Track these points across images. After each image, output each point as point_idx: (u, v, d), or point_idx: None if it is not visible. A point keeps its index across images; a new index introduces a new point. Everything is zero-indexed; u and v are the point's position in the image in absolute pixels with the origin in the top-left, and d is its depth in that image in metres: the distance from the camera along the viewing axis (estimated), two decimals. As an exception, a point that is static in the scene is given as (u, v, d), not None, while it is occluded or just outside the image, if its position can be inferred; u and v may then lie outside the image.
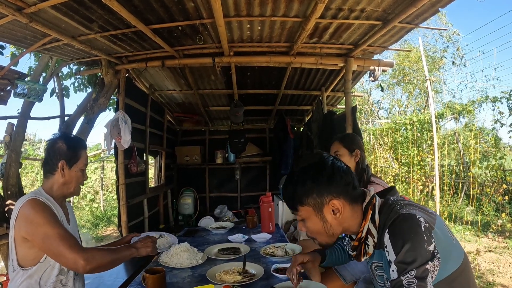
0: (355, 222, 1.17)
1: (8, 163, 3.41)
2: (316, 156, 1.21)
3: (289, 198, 1.22)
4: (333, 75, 4.53)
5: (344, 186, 1.15)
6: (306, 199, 1.16)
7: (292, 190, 1.19)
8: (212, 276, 1.68)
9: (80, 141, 1.74)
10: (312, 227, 1.20)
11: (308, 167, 1.18)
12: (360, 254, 1.20)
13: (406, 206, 1.07)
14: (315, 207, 1.16)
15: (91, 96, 4.02)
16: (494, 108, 7.10)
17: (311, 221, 1.19)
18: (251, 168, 6.83)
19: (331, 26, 2.98)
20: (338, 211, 1.15)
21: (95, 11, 2.49)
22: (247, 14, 2.73)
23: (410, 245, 0.96)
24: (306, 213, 1.18)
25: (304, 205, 1.17)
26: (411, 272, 0.94)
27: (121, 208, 3.78)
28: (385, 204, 1.15)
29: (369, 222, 1.14)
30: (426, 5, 2.50)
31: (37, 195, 1.51)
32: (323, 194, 1.14)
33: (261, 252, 2.04)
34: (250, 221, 2.90)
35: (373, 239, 1.13)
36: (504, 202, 6.26)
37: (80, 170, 1.66)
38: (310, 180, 1.15)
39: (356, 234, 1.19)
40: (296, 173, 1.20)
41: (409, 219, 1.01)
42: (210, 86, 5.01)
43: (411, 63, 12.01)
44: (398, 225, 1.02)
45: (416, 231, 0.98)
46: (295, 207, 1.20)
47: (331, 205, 1.15)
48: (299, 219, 1.23)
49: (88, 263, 1.38)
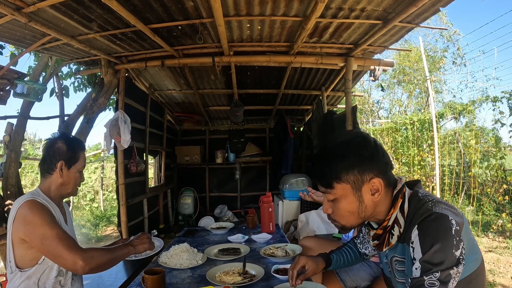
0: (384, 208, 1.11)
1: (7, 163, 3.41)
2: (357, 132, 1.15)
3: (323, 175, 1.11)
4: (333, 74, 4.52)
5: (384, 165, 1.09)
6: (345, 175, 1.07)
7: (329, 165, 1.09)
8: (212, 277, 1.67)
9: (80, 142, 1.73)
10: (345, 208, 1.11)
11: (350, 141, 1.10)
12: (382, 243, 1.14)
13: (438, 204, 1.01)
14: (354, 184, 1.08)
15: (91, 96, 4.02)
16: (494, 108, 7.10)
17: (346, 200, 1.10)
18: (251, 168, 6.83)
19: (331, 26, 2.97)
20: (377, 191, 1.08)
21: (94, 11, 2.48)
22: (247, 14, 2.72)
23: (440, 246, 0.93)
24: (342, 192, 1.09)
25: (342, 182, 1.08)
26: (435, 274, 0.92)
27: (121, 208, 3.77)
28: (414, 196, 1.09)
29: (397, 211, 1.08)
30: (426, 4, 2.50)
31: (35, 196, 1.50)
32: (365, 170, 1.06)
33: (261, 253, 2.02)
34: (250, 221, 2.88)
35: (399, 229, 1.08)
36: (505, 202, 6.24)
37: (78, 172, 1.65)
38: (353, 154, 1.07)
39: (381, 222, 1.13)
40: (334, 147, 1.11)
41: (442, 219, 0.96)
42: (210, 85, 5.00)
43: (411, 63, 12.00)
44: (429, 223, 0.97)
45: (447, 233, 0.94)
46: (330, 184, 1.09)
47: (371, 183, 1.07)
48: (330, 198, 1.13)
49: (87, 263, 1.37)
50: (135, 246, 1.64)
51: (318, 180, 1.14)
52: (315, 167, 1.15)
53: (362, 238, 1.50)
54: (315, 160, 1.16)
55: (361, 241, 1.51)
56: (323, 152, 1.15)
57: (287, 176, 4.89)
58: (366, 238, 1.48)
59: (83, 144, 1.77)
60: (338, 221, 1.15)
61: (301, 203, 4.50)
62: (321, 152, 1.16)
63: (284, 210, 4.57)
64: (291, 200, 4.57)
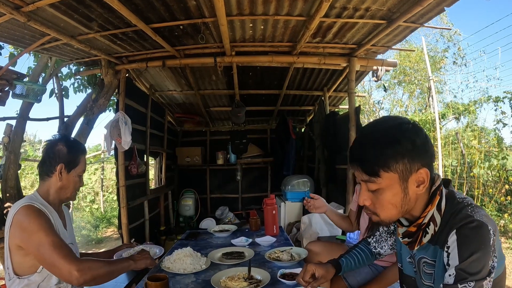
0: (422, 204, 1.04)
1: (6, 165, 3.36)
2: (403, 118, 1.05)
3: (369, 161, 0.99)
4: (335, 75, 4.49)
5: (431, 156, 1.01)
6: (395, 164, 0.96)
7: (378, 150, 0.97)
8: (216, 282, 1.62)
9: (80, 145, 1.70)
10: (389, 199, 1.01)
11: (401, 126, 0.99)
12: (415, 241, 1.07)
13: (477, 210, 0.97)
14: (402, 174, 0.98)
15: (91, 97, 3.97)
16: (496, 108, 7.08)
17: (392, 191, 1.00)
18: (252, 169, 6.79)
19: (335, 25, 2.94)
20: (423, 183, 1.00)
21: (95, 10, 2.44)
22: (250, 13, 2.68)
23: (478, 256, 0.90)
24: (389, 181, 0.99)
25: (390, 171, 0.97)
26: (470, 283, 0.88)
27: (121, 210, 3.73)
28: (452, 197, 1.04)
29: (434, 208, 1.02)
30: (431, 4, 2.47)
31: (32, 200, 1.46)
32: (414, 160, 0.97)
33: (266, 257, 1.98)
34: (253, 224, 2.84)
35: (434, 228, 1.02)
36: (507, 202, 6.22)
37: (78, 176, 1.61)
38: (406, 141, 0.96)
39: (415, 219, 1.06)
40: (383, 131, 1.00)
41: (482, 229, 0.92)
42: (211, 86, 4.96)
43: (412, 63, 11.97)
44: (469, 231, 0.93)
45: (486, 244, 0.91)
46: (376, 172, 0.98)
47: (418, 174, 0.99)
48: (372, 188, 1.01)
49: (83, 274, 1.32)
50: (136, 261, 1.60)
51: (362, 166, 1.01)
52: (360, 151, 1.02)
53: (379, 237, 1.44)
54: (360, 143, 1.04)
55: (377, 240, 1.45)
56: (372, 135, 1.02)
57: (289, 177, 4.86)
58: (383, 237, 1.43)
59: (84, 147, 1.73)
60: (378, 213, 1.05)
61: (303, 205, 4.45)
62: (369, 135, 1.02)
63: (286, 211, 4.53)
64: (294, 202, 4.54)
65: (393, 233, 1.40)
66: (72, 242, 1.64)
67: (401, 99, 13.61)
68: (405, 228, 1.11)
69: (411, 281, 1.20)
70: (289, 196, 4.55)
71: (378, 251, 1.46)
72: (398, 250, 1.28)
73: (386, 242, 1.43)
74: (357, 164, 1.03)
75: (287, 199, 4.56)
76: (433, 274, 1.06)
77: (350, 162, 1.05)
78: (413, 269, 1.17)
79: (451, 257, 0.94)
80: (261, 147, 6.62)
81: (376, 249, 1.46)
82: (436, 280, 1.03)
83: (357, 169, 1.03)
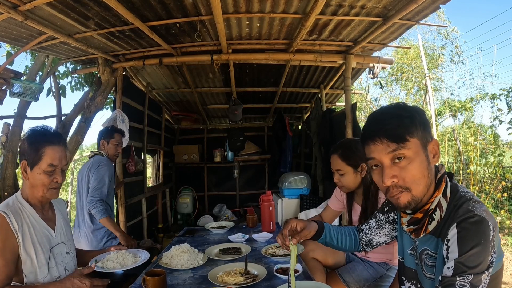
0: (430, 190, 1.07)
1: (4, 164, 3.37)
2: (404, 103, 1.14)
3: (395, 129, 1.02)
4: (332, 72, 4.50)
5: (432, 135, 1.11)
6: (415, 130, 1.02)
7: (399, 120, 1.02)
8: (213, 277, 1.65)
9: (42, 135, 1.44)
10: (418, 167, 1.02)
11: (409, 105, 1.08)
12: (421, 228, 1.09)
13: (478, 205, 1.00)
14: (422, 141, 1.03)
15: (88, 95, 3.98)
16: (493, 105, 7.13)
17: (419, 158, 1.02)
18: (249, 167, 6.82)
19: (331, 23, 2.95)
20: (436, 154, 1.06)
21: (92, 8, 2.45)
22: (246, 11, 2.69)
23: (478, 250, 0.92)
24: (415, 148, 1.02)
25: (414, 137, 1.02)
26: (468, 276, 0.91)
27: (119, 208, 3.75)
28: (455, 190, 1.08)
29: (441, 194, 1.06)
30: (426, 1, 2.48)
31: (9, 204, 1.37)
32: (426, 130, 1.05)
33: (262, 252, 2.01)
34: (250, 221, 2.87)
35: (440, 214, 1.05)
36: (503, 199, 6.27)
37: (43, 172, 1.40)
38: (418, 114, 1.05)
39: (422, 205, 1.09)
40: (395, 108, 1.07)
41: (483, 224, 0.95)
42: (208, 84, 4.97)
43: (409, 61, 12.00)
44: (470, 225, 0.95)
45: (486, 239, 0.93)
46: (404, 137, 1.01)
47: (433, 143, 1.05)
48: (401, 155, 1.02)
49: None
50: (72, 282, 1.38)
51: (388, 135, 1.02)
52: (381, 124, 1.05)
53: (375, 224, 1.41)
54: (377, 120, 1.08)
55: (371, 227, 1.43)
56: (387, 110, 1.08)
57: (286, 174, 4.88)
58: (380, 224, 1.40)
59: (49, 137, 1.45)
60: (410, 187, 1.04)
61: (300, 201, 4.49)
62: (384, 112, 1.08)
63: (283, 208, 4.56)
64: (291, 198, 4.57)
65: (392, 222, 1.37)
66: (63, 241, 1.56)
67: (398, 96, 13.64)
68: (409, 216, 1.14)
69: (411, 273, 1.22)
70: (286, 193, 4.57)
71: (370, 239, 1.42)
72: (400, 242, 1.29)
73: (382, 230, 1.40)
74: (382, 135, 1.04)
75: (284, 196, 4.59)
76: (434, 267, 1.08)
77: (369, 139, 1.07)
78: (415, 261, 1.19)
79: (450, 250, 0.97)
80: (258, 144, 6.64)
81: (368, 236, 1.43)
82: (437, 273, 1.05)
83: (381, 142, 1.04)
